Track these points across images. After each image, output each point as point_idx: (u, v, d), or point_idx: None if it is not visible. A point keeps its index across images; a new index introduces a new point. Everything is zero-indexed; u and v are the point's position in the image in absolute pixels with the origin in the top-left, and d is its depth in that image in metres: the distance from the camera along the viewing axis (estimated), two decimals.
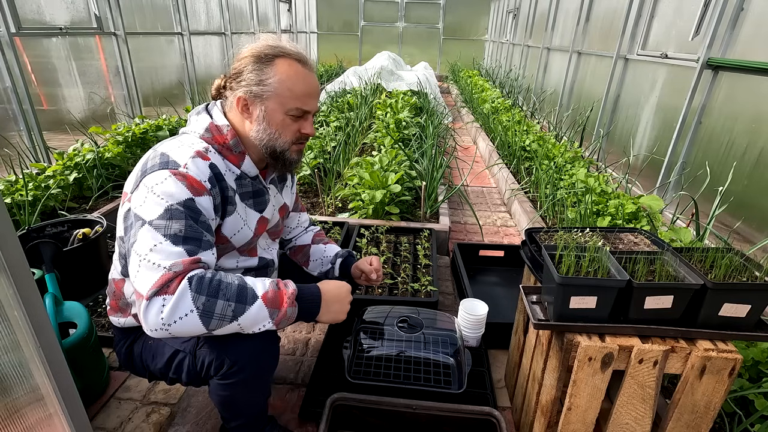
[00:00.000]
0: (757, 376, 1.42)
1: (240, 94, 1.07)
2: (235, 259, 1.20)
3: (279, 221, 1.33)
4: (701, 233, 2.13)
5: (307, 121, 1.14)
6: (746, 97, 2.46)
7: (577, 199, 2.79)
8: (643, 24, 3.61)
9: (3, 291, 0.75)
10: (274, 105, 1.07)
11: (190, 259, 0.93)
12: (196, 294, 0.89)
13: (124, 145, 3.46)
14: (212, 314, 0.90)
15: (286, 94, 1.07)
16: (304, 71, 1.10)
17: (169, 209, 0.94)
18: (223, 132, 1.10)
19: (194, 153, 1.03)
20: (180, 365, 1.12)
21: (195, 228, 0.97)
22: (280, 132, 1.10)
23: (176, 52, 5.35)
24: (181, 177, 0.98)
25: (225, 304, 0.92)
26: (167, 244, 0.92)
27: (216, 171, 1.05)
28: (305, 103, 1.10)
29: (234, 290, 0.93)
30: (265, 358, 1.09)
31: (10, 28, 3.09)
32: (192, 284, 0.90)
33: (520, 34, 8.04)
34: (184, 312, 0.89)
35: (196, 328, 0.91)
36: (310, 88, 1.10)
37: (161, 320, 0.88)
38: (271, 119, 1.09)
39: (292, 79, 1.07)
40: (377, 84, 7.11)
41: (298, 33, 10.54)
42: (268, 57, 1.06)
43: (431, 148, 3.52)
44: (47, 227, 2.13)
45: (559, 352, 1.13)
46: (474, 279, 2.33)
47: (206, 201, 1.01)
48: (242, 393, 1.12)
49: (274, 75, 1.06)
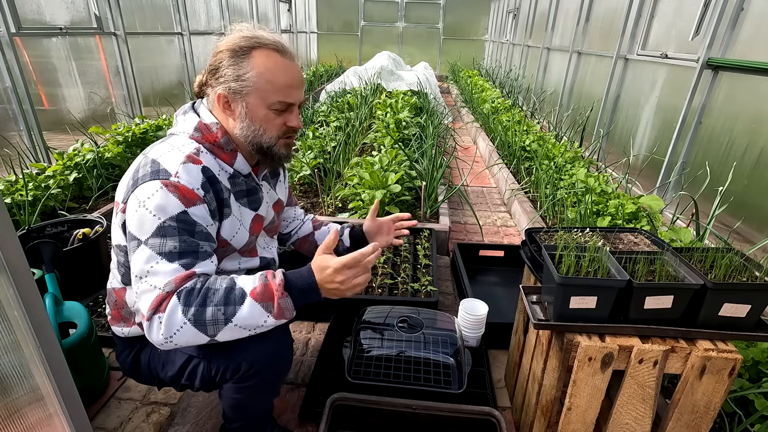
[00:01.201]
0: (757, 376, 1.42)
1: (220, 91, 1.03)
2: (236, 261, 1.19)
3: (274, 217, 1.31)
4: (701, 233, 2.13)
5: (292, 114, 1.09)
6: (746, 97, 2.46)
7: (577, 199, 2.78)
8: (643, 24, 3.61)
9: (3, 291, 0.75)
10: (255, 100, 1.03)
11: (183, 275, 0.93)
12: (185, 307, 0.90)
13: (124, 145, 3.46)
14: (204, 322, 0.91)
15: (266, 87, 1.02)
16: (284, 61, 1.04)
17: (161, 227, 0.93)
18: (212, 130, 1.06)
19: (185, 158, 0.99)
20: (194, 372, 1.10)
21: (190, 241, 0.95)
22: (265, 127, 1.06)
23: (176, 52, 5.35)
24: (173, 188, 0.95)
25: (214, 309, 0.91)
26: (163, 263, 0.92)
27: (209, 174, 1.02)
28: (288, 95, 1.05)
29: (221, 295, 0.92)
30: (281, 362, 1.09)
31: (10, 28, 3.09)
32: (180, 299, 0.91)
33: (520, 34, 8.04)
34: (178, 326, 0.90)
35: (197, 337, 0.92)
36: (291, 79, 1.05)
37: (162, 336, 0.91)
38: (254, 115, 1.05)
39: (271, 71, 1.02)
40: (377, 84, 7.10)
41: (298, 33, 10.53)
42: (244, 50, 1.01)
43: (431, 148, 3.52)
44: (47, 227, 2.13)
45: (559, 352, 1.13)
46: (474, 279, 2.33)
47: (200, 210, 0.98)
48: (255, 396, 1.12)
49: (251, 69, 1.01)
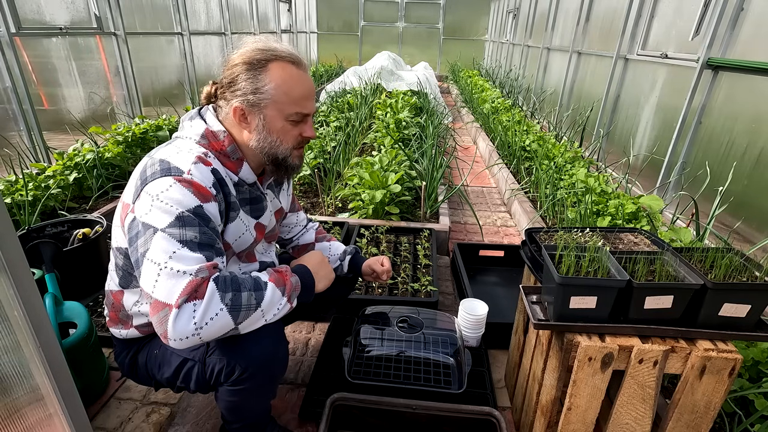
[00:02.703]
0: (757, 376, 1.42)
1: (236, 104, 1.04)
2: (236, 266, 1.20)
3: (276, 225, 1.33)
4: (701, 233, 2.13)
5: (307, 124, 1.12)
6: (746, 97, 2.46)
7: (577, 199, 2.78)
8: (643, 24, 3.61)
9: (3, 291, 0.75)
10: (272, 112, 1.05)
11: (210, 264, 0.93)
12: (223, 293, 0.91)
13: (124, 145, 3.46)
14: (240, 306, 0.93)
15: (283, 99, 1.04)
16: (299, 73, 1.07)
17: (180, 216, 0.93)
18: (219, 138, 1.07)
19: (195, 158, 1.00)
20: (188, 374, 1.11)
21: (209, 235, 0.96)
22: (282, 139, 1.08)
23: (176, 52, 5.35)
24: (187, 184, 0.95)
25: (248, 294, 0.95)
26: (185, 250, 0.91)
27: (218, 176, 1.03)
28: (304, 107, 1.08)
29: (251, 281, 0.98)
30: (276, 364, 1.09)
31: (10, 28, 3.09)
32: (218, 284, 0.91)
33: (520, 34, 8.04)
34: (215, 312, 0.89)
35: (225, 326, 0.91)
36: (306, 91, 1.08)
37: (194, 325, 0.87)
38: (271, 127, 1.07)
39: (288, 83, 1.04)
40: (377, 84, 7.10)
41: (298, 33, 10.53)
42: (261, 62, 1.03)
43: (431, 148, 3.52)
44: (47, 227, 2.13)
45: (559, 352, 1.13)
46: (474, 279, 2.33)
47: (213, 207, 0.99)
48: (251, 398, 1.12)
49: (269, 81, 1.03)
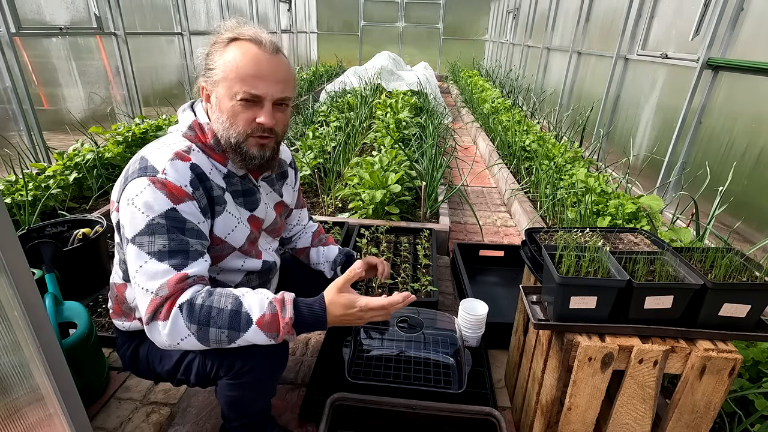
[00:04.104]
0: (757, 376, 1.42)
1: (200, 82, 1.05)
2: (240, 260, 1.17)
3: (277, 218, 1.29)
4: (701, 233, 2.13)
5: (263, 109, 1.01)
6: (746, 97, 2.46)
7: (577, 199, 2.78)
8: (643, 24, 3.61)
9: (3, 291, 0.75)
10: (222, 89, 1.00)
11: (176, 277, 0.92)
12: (188, 322, 0.90)
13: (124, 145, 3.46)
14: (207, 340, 0.93)
15: (231, 76, 0.98)
16: (258, 52, 0.99)
17: (150, 224, 0.93)
18: (204, 130, 1.06)
19: (173, 155, 0.99)
20: (189, 366, 1.11)
21: (180, 239, 0.95)
22: (232, 120, 1.01)
23: (176, 52, 5.35)
24: (160, 185, 0.94)
25: (218, 331, 0.91)
26: (152, 261, 0.92)
27: (198, 171, 1.01)
28: (253, 86, 0.98)
29: (226, 317, 0.91)
30: (276, 360, 1.09)
31: (10, 28, 3.09)
32: (183, 312, 0.90)
33: (520, 34, 8.04)
34: (182, 336, 0.92)
35: (201, 346, 0.94)
36: (262, 71, 0.99)
37: (166, 342, 0.92)
38: (222, 106, 1.01)
39: (240, 60, 0.98)
40: (377, 84, 7.10)
41: (298, 33, 10.52)
42: (224, 42, 1.01)
43: (431, 148, 3.52)
44: (47, 227, 2.13)
45: (559, 352, 1.13)
46: (474, 279, 2.33)
47: (189, 206, 0.97)
48: (250, 393, 1.12)
49: (221, 57, 1.00)
